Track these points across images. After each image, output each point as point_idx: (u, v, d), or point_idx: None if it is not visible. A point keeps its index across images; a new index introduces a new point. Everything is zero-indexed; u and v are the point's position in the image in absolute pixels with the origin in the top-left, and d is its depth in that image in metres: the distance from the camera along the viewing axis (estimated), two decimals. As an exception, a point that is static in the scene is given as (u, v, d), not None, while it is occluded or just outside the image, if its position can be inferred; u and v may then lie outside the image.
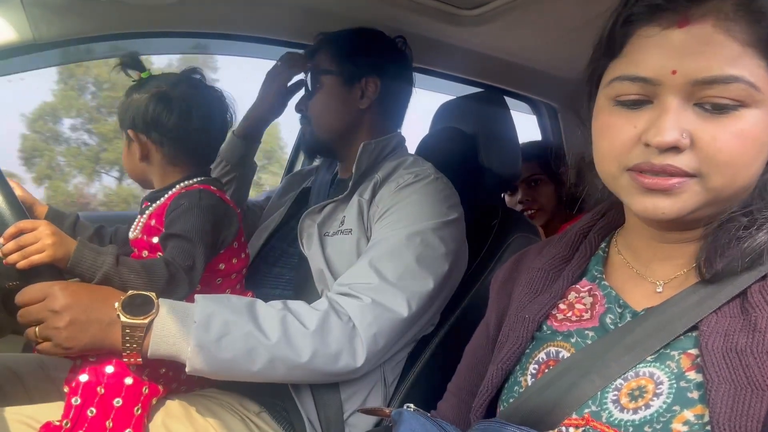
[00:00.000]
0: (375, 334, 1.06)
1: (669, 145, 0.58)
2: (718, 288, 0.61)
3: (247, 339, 0.97)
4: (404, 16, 1.39)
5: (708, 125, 0.58)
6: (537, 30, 1.49)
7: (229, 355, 0.96)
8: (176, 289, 1.01)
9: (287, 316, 1.02)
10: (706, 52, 0.57)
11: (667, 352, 0.62)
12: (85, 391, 0.93)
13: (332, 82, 1.33)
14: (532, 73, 1.80)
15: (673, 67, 0.58)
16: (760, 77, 0.58)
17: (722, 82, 0.57)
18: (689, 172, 0.59)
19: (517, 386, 0.72)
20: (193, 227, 1.06)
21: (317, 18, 1.42)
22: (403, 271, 1.11)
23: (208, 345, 0.94)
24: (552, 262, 0.79)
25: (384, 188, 1.24)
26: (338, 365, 1.04)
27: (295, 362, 1.00)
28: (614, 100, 0.63)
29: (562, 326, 0.72)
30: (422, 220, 1.17)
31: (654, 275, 0.70)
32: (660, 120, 0.59)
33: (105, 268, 0.95)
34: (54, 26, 1.19)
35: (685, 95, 0.58)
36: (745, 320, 0.59)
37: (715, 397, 0.55)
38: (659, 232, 0.68)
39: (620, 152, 0.62)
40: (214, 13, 1.37)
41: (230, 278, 1.18)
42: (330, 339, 1.03)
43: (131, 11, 1.24)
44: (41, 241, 0.91)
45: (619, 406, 0.61)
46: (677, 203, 0.60)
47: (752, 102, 0.57)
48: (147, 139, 1.14)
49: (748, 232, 0.61)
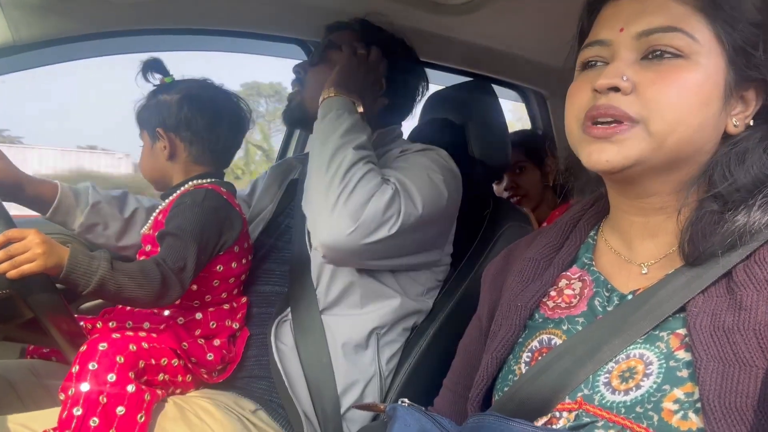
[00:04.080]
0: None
1: (608, 85, 0.63)
2: (703, 269, 0.62)
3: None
4: (390, 6, 1.38)
5: (650, 72, 0.63)
6: (524, 18, 1.49)
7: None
8: (169, 291, 1.02)
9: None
10: (647, 10, 0.64)
11: (656, 333, 0.63)
12: (87, 401, 0.91)
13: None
14: (521, 61, 1.80)
15: (620, 26, 0.65)
16: (702, 33, 0.62)
17: (662, 31, 0.62)
18: (631, 115, 0.62)
19: (512, 375, 0.72)
20: (188, 226, 1.07)
21: (302, 11, 1.41)
22: (411, 184, 1.14)
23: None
24: (542, 251, 0.79)
25: (384, 157, 1.26)
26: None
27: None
28: (581, 67, 0.69)
29: (553, 314, 0.73)
30: (428, 165, 1.20)
31: (638, 257, 0.71)
32: (606, 68, 0.64)
33: (100, 273, 0.94)
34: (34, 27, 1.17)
35: (633, 49, 0.64)
36: (731, 299, 0.60)
37: (704, 375, 0.56)
38: (632, 201, 0.70)
39: (579, 107, 0.67)
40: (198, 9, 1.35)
41: (228, 282, 1.18)
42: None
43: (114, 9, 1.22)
44: (31, 251, 0.89)
45: (611, 388, 0.62)
46: (622, 150, 0.63)
47: (692, 54, 0.62)
48: (176, 138, 1.18)
49: (729, 215, 0.62)
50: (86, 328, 1.08)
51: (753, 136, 0.65)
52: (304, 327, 1.17)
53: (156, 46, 1.53)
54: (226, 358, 1.14)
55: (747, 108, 0.66)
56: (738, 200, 0.63)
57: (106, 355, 0.94)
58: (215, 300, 1.17)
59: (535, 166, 2.02)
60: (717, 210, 0.63)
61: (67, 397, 0.92)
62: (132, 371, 0.96)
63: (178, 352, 1.07)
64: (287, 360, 1.16)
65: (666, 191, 0.67)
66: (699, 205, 0.65)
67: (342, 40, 1.34)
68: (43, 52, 1.25)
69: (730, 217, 0.62)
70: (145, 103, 1.22)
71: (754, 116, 0.66)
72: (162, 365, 1.03)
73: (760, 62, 0.63)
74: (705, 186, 0.66)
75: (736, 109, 0.66)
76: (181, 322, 1.13)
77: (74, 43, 1.28)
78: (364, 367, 1.18)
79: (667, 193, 0.67)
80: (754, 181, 0.63)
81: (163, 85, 1.21)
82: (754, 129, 0.66)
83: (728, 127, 0.65)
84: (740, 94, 0.65)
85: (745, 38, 0.63)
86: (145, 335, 1.04)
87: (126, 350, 0.96)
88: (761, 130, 0.65)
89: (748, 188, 0.63)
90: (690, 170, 0.66)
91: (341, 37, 1.35)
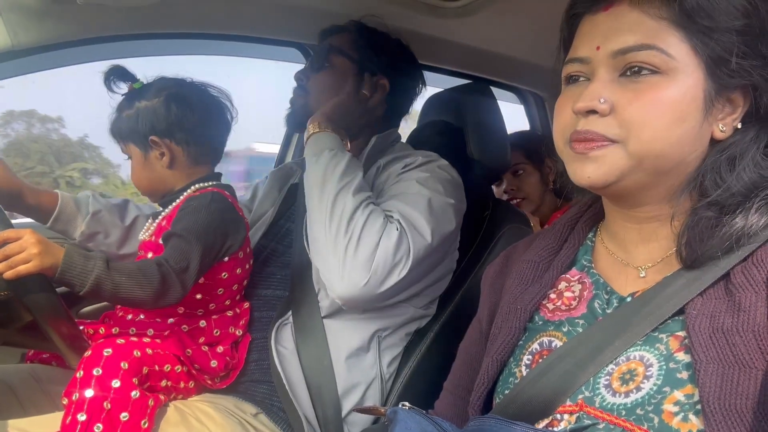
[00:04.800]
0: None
1: (585, 109, 0.64)
2: (701, 272, 0.63)
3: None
4: (387, 9, 1.38)
5: (627, 92, 0.63)
6: (522, 20, 1.49)
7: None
8: (168, 291, 1.00)
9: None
10: (622, 28, 0.64)
11: (656, 335, 0.63)
12: (91, 407, 0.91)
13: (346, 67, 1.33)
14: (519, 63, 1.80)
15: (597, 44, 0.65)
16: (677, 48, 0.62)
17: (636, 50, 0.62)
18: (609, 137, 0.63)
19: (512, 377, 0.72)
20: (194, 227, 1.05)
21: (299, 14, 1.41)
22: (418, 215, 1.14)
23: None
24: (541, 253, 0.79)
25: (387, 171, 1.26)
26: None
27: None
28: (565, 82, 0.70)
29: (553, 316, 0.73)
30: (432, 185, 1.20)
31: (636, 261, 0.71)
32: (585, 90, 0.65)
33: (96, 272, 0.93)
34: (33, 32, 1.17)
35: (610, 68, 0.64)
36: (730, 301, 0.60)
37: (704, 377, 0.56)
38: (623, 210, 0.70)
39: (564, 127, 0.68)
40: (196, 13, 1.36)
41: (231, 289, 1.17)
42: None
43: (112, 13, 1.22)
44: (27, 251, 0.89)
45: (611, 390, 0.62)
46: (601, 167, 0.64)
47: (668, 70, 0.62)
48: (171, 142, 1.14)
49: (726, 219, 0.62)
50: (87, 332, 1.08)
51: (742, 139, 0.64)
52: (306, 330, 1.17)
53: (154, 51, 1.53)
54: (229, 364, 1.14)
55: (734, 111, 0.65)
56: (734, 204, 0.63)
57: (110, 361, 0.94)
58: (219, 307, 1.17)
59: (535, 168, 1.99)
60: (713, 215, 0.63)
61: (71, 403, 0.92)
62: (136, 377, 0.96)
63: (182, 358, 1.06)
64: (288, 363, 1.16)
65: (656, 201, 0.67)
66: (693, 212, 0.65)
67: (342, 43, 1.34)
68: (41, 56, 1.26)
69: (728, 221, 0.62)
70: (119, 114, 1.15)
71: (742, 119, 0.66)
72: (165, 371, 1.03)
73: (741, 68, 0.62)
74: (697, 192, 0.66)
75: (721, 114, 0.65)
76: (186, 330, 1.12)
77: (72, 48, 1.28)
78: (365, 370, 1.18)
79: (657, 203, 0.68)
80: (749, 185, 0.63)
81: (134, 92, 1.14)
82: (743, 132, 0.65)
83: (715, 134, 0.65)
84: (726, 97, 0.65)
85: (723, 46, 0.62)
86: (149, 341, 1.03)
87: (130, 356, 0.96)
88: (751, 131, 0.65)
89: (743, 192, 0.63)
90: (677, 180, 0.66)
91: (341, 40, 1.35)
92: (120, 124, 1.15)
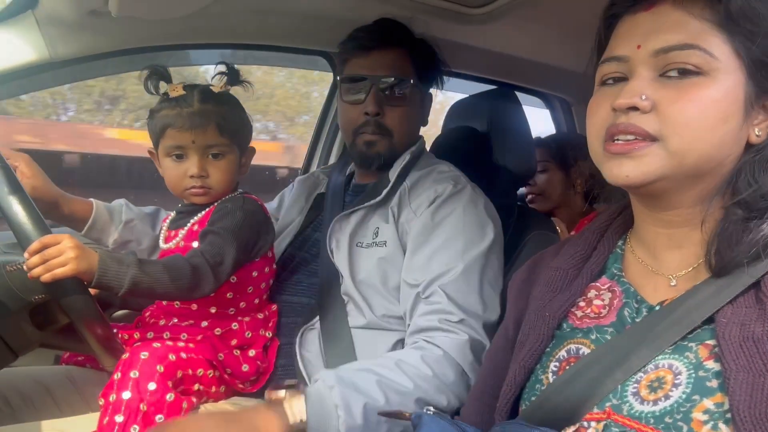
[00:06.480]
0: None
1: (626, 105, 0.63)
2: (731, 279, 0.62)
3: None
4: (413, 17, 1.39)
5: (670, 91, 0.63)
6: (546, 25, 1.48)
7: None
8: (201, 282, 1.02)
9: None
10: (664, 27, 0.64)
11: (685, 344, 0.62)
12: (128, 408, 0.94)
13: (414, 92, 1.29)
14: (544, 68, 1.79)
15: (638, 43, 0.65)
16: (720, 49, 0.62)
17: (679, 49, 0.62)
18: (650, 133, 0.63)
19: (539, 384, 0.72)
20: (230, 226, 1.09)
21: (326, 24, 1.43)
22: (477, 298, 1.11)
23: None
24: (570, 261, 0.79)
25: (416, 198, 1.23)
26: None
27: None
28: (600, 83, 0.70)
29: (582, 323, 0.72)
30: (476, 241, 1.16)
31: (666, 269, 0.70)
32: (625, 87, 0.65)
33: (132, 273, 0.95)
34: (70, 44, 1.21)
35: (651, 67, 0.64)
36: (761, 310, 0.59)
37: (734, 385, 0.55)
38: (654, 213, 0.70)
39: (600, 127, 0.67)
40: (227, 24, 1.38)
41: (260, 287, 1.20)
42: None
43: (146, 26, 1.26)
44: (64, 255, 0.91)
45: (639, 398, 0.62)
46: (640, 166, 0.63)
47: (710, 70, 0.62)
48: (235, 145, 1.16)
49: (753, 224, 0.62)
50: (122, 337, 1.10)
51: None
52: (334, 337, 1.18)
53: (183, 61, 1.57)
54: (260, 368, 1.16)
55: None
56: (763, 208, 0.62)
57: (147, 364, 0.96)
58: (249, 307, 1.19)
59: (558, 168, 1.97)
60: (741, 217, 0.63)
61: (108, 404, 0.94)
62: (171, 380, 0.98)
63: (214, 363, 1.08)
64: (312, 367, 1.16)
65: (689, 203, 0.67)
66: (724, 214, 0.65)
67: (404, 68, 1.28)
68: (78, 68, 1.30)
69: (755, 226, 0.62)
70: (184, 114, 1.10)
71: None
72: (198, 376, 1.05)
73: None
74: (729, 195, 0.65)
75: (757, 119, 0.65)
76: (218, 333, 1.15)
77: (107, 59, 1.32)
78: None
79: (690, 206, 0.67)
80: None
81: (183, 95, 1.11)
82: None
83: (750, 137, 0.65)
84: (762, 103, 0.65)
85: (765, 51, 0.62)
86: (183, 345, 1.06)
87: (166, 360, 0.99)
88: None
89: None
90: (712, 182, 0.66)
91: (402, 64, 1.28)
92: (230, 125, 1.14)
